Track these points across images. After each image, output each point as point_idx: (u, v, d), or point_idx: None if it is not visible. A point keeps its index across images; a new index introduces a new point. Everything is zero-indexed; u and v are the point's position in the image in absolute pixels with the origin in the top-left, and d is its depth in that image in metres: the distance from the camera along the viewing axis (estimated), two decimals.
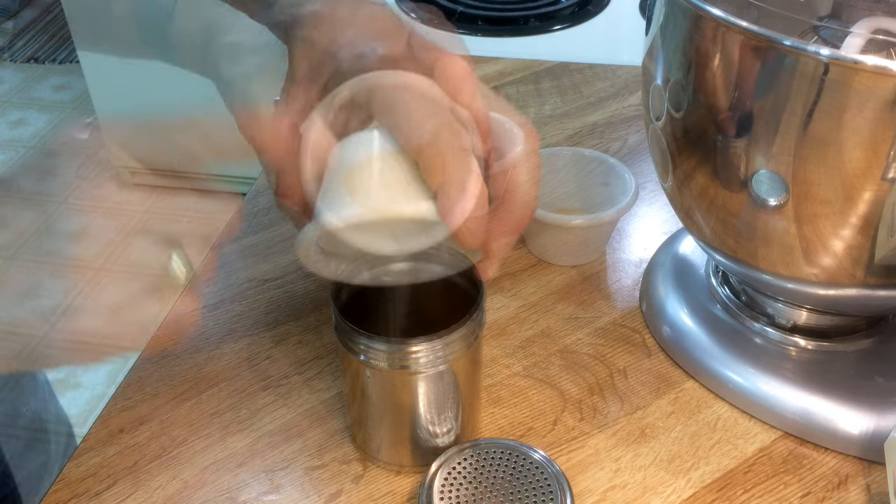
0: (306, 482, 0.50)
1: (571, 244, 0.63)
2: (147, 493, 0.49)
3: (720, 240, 0.51)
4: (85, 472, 0.50)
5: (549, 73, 0.89)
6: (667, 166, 0.52)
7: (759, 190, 0.45)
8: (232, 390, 0.55)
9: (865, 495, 0.48)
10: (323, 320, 0.60)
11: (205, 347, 0.58)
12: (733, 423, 0.53)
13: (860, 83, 0.39)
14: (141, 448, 0.52)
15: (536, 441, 0.51)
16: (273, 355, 0.58)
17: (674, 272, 0.61)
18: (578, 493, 0.48)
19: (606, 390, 0.55)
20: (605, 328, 0.59)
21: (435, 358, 0.44)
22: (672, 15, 0.47)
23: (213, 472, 0.50)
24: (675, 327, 0.57)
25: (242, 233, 0.68)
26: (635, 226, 0.69)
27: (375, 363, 0.45)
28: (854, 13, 0.50)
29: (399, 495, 0.49)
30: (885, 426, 0.49)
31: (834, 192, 0.42)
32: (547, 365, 0.57)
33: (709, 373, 0.55)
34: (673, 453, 0.51)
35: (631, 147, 0.77)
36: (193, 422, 0.53)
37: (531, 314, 0.60)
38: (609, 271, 0.64)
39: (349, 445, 0.52)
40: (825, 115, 0.40)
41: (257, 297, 0.62)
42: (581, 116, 0.82)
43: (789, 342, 0.54)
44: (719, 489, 0.49)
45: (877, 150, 0.40)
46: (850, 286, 0.47)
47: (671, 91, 0.48)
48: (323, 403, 0.54)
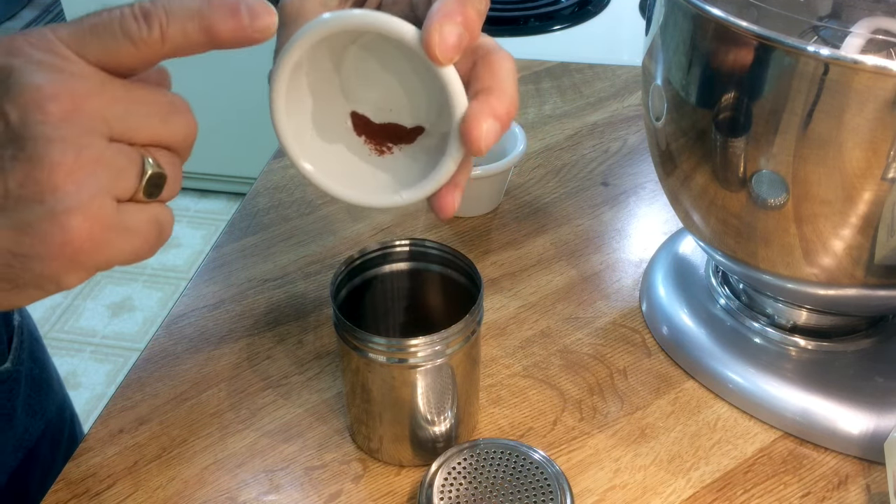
0: (306, 482, 0.50)
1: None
2: (147, 493, 0.49)
3: (720, 240, 0.51)
4: (85, 472, 0.50)
5: (549, 73, 0.89)
6: (667, 166, 0.52)
7: (759, 190, 0.45)
8: (232, 390, 0.55)
9: (865, 495, 0.48)
10: (323, 320, 0.60)
11: (205, 347, 0.58)
12: (733, 423, 0.53)
13: (860, 83, 0.39)
14: (141, 448, 0.52)
15: (536, 441, 0.51)
16: (273, 355, 0.58)
17: (674, 272, 0.61)
18: (578, 493, 0.48)
19: (606, 390, 0.55)
20: (604, 328, 0.59)
21: (433, 352, 0.44)
22: (672, 15, 0.47)
23: (213, 472, 0.50)
24: (675, 327, 0.57)
25: (242, 233, 0.68)
26: (635, 226, 0.69)
27: (374, 358, 0.45)
28: (854, 13, 0.50)
29: (399, 495, 0.49)
30: (885, 426, 0.49)
31: (834, 192, 0.42)
32: (547, 365, 0.57)
33: (709, 373, 0.55)
34: (673, 453, 0.51)
35: (631, 147, 0.78)
36: (193, 422, 0.53)
37: (531, 314, 0.60)
38: (609, 271, 0.64)
39: (349, 445, 0.52)
40: (825, 115, 0.40)
41: (257, 297, 0.62)
42: (581, 116, 0.82)
43: (789, 342, 0.54)
44: (719, 489, 0.49)
45: (877, 150, 0.40)
46: (850, 286, 0.47)
47: (671, 91, 0.48)
48: (323, 403, 0.54)
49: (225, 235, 0.69)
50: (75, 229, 0.30)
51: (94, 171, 0.30)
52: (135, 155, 0.32)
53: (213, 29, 0.32)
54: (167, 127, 0.33)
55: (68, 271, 0.31)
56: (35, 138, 0.29)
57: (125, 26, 0.31)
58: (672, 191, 0.54)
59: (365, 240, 0.67)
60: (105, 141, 0.31)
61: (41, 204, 0.29)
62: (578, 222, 0.69)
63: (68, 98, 0.29)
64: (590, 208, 0.70)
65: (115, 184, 0.31)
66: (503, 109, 0.37)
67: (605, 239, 0.67)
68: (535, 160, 0.76)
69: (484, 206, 0.70)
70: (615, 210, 0.70)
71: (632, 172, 0.74)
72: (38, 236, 0.30)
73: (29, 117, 0.29)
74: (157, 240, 0.34)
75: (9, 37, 0.31)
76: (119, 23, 0.31)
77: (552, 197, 0.72)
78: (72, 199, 0.30)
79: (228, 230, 0.69)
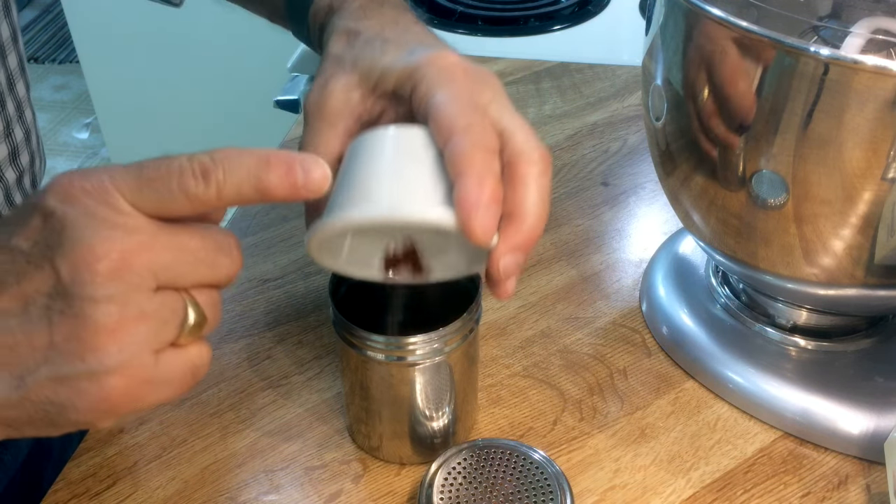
0: (306, 482, 0.50)
1: None
2: (147, 493, 0.49)
3: (720, 240, 0.51)
4: (85, 472, 0.50)
5: (549, 73, 0.89)
6: (667, 166, 0.52)
7: (759, 190, 0.45)
8: (232, 390, 0.55)
9: (865, 495, 0.48)
10: (323, 320, 0.60)
11: None
12: (733, 423, 0.53)
13: (860, 83, 0.39)
14: (141, 448, 0.52)
15: (536, 441, 0.51)
16: (273, 355, 0.58)
17: (674, 272, 0.61)
18: (578, 493, 0.48)
19: (606, 390, 0.55)
20: (604, 328, 0.59)
21: (432, 350, 0.44)
22: (672, 15, 0.47)
23: (213, 472, 0.50)
24: (675, 327, 0.57)
25: (242, 233, 0.68)
26: (635, 226, 0.69)
27: (373, 356, 0.45)
28: (854, 13, 0.50)
29: (399, 495, 0.49)
30: (885, 426, 0.49)
31: (834, 192, 0.42)
32: (547, 365, 0.57)
33: (709, 373, 0.55)
34: (673, 453, 0.51)
35: (631, 147, 0.77)
36: (193, 422, 0.53)
37: (531, 314, 0.60)
38: (609, 271, 0.64)
39: (349, 445, 0.52)
40: (825, 115, 0.40)
41: (257, 297, 0.62)
42: (581, 116, 0.82)
43: (789, 342, 0.54)
44: (719, 489, 0.49)
45: (877, 150, 0.40)
46: (850, 286, 0.47)
47: (671, 91, 0.48)
48: (323, 403, 0.54)
49: None
50: (113, 388, 0.31)
51: (137, 328, 0.31)
52: (178, 304, 0.32)
53: (268, 190, 0.32)
54: (213, 270, 0.33)
55: (102, 420, 0.32)
56: (82, 298, 0.30)
57: (183, 183, 0.31)
58: (672, 191, 0.54)
59: None
60: (150, 293, 0.31)
61: (82, 362, 0.30)
62: (578, 222, 0.69)
63: (118, 256, 0.30)
64: (590, 208, 0.70)
65: (157, 336, 0.32)
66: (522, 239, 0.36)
67: (605, 239, 0.67)
68: None
69: None
70: (615, 210, 0.70)
71: (632, 172, 0.74)
72: (75, 391, 0.31)
73: (78, 276, 0.30)
74: (192, 382, 0.34)
75: (66, 177, 0.31)
76: (178, 178, 0.31)
77: (552, 197, 0.72)
78: (112, 359, 0.30)
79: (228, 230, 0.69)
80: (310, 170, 0.32)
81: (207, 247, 0.33)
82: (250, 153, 0.32)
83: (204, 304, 0.33)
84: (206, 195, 0.31)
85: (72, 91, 2.68)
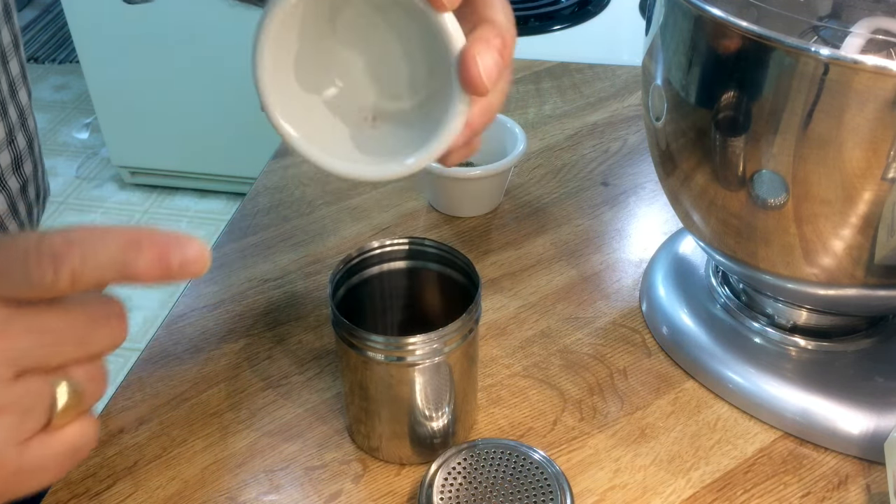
0: (306, 482, 0.50)
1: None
2: (147, 493, 0.49)
3: (720, 240, 0.51)
4: (85, 472, 0.50)
5: (549, 73, 0.89)
6: (667, 166, 0.52)
7: (759, 190, 0.45)
8: (232, 390, 0.55)
9: (865, 495, 0.48)
10: (323, 320, 0.60)
11: (205, 347, 0.58)
12: (733, 423, 0.53)
13: (860, 83, 0.39)
14: (141, 448, 0.52)
15: (536, 441, 0.51)
16: (273, 355, 0.58)
17: (674, 272, 0.61)
18: (578, 494, 0.48)
19: (606, 390, 0.55)
20: (604, 328, 0.59)
21: (431, 350, 0.44)
22: (672, 15, 0.47)
23: (213, 472, 0.50)
24: (675, 327, 0.57)
25: (242, 233, 0.68)
26: (635, 226, 0.69)
27: (372, 356, 0.45)
28: (854, 13, 0.50)
29: (399, 495, 0.49)
30: (885, 426, 0.49)
31: (834, 192, 0.42)
32: (547, 365, 0.57)
33: (709, 373, 0.55)
34: (673, 453, 0.51)
35: (631, 147, 0.77)
36: (193, 422, 0.53)
37: (531, 314, 0.60)
38: (609, 271, 0.64)
39: (349, 445, 0.52)
40: (825, 115, 0.40)
41: (257, 297, 0.62)
42: (581, 116, 0.82)
43: (789, 342, 0.54)
44: (719, 489, 0.49)
45: (877, 150, 0.40)
46: (850, 286, 0.47)
47: (671, 91, 0.48)
48: (323, 403, 0.54)
49: (225, 235, 0.69)
50: None
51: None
52: (44, 389, 0.30)
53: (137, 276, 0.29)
54: (84, 347, 0.30)
55: None
56: None
57: (27, 273, 0.28)
58: (672, 191, 0.54)
59: (365, 239, 0.67)
60: (9, 383, 0.29)
61: None
62: (578, 222, 0.69)
63: None
64: (590, 208, 0.70)
65: (20, 427, 0.29)
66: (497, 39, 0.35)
67: (605, 239, 0.67)
68: (535, 160, 0.76)
69: (484, 206, 0.70)
70: (615, 210, 0.70)
71: (632, 172, 0.74)
72: None
73: None
74: (74, 462, 0.32)
75: None
76: (21, 268, 0.28)
77: (552, 197, 0.72)
78: None
79: (228, 230, 0.69)
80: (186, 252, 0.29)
81: (76, 323, 0.30)
82: (116, 233, 0.29)
83: (82, 380, 0.31)
84: (55, 284, 0.28)
85: (72, 91, 2.68)
